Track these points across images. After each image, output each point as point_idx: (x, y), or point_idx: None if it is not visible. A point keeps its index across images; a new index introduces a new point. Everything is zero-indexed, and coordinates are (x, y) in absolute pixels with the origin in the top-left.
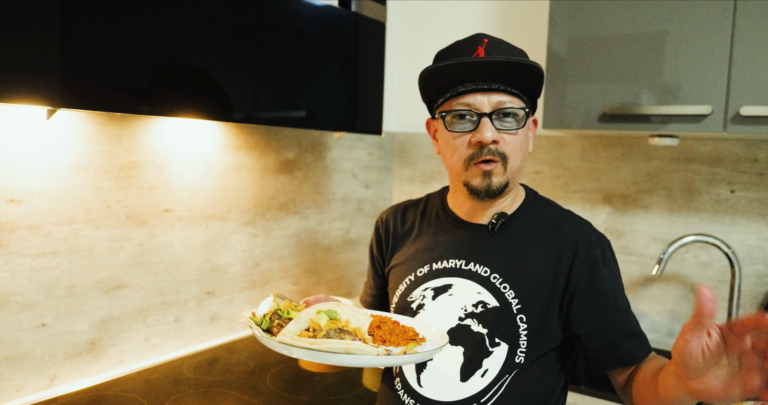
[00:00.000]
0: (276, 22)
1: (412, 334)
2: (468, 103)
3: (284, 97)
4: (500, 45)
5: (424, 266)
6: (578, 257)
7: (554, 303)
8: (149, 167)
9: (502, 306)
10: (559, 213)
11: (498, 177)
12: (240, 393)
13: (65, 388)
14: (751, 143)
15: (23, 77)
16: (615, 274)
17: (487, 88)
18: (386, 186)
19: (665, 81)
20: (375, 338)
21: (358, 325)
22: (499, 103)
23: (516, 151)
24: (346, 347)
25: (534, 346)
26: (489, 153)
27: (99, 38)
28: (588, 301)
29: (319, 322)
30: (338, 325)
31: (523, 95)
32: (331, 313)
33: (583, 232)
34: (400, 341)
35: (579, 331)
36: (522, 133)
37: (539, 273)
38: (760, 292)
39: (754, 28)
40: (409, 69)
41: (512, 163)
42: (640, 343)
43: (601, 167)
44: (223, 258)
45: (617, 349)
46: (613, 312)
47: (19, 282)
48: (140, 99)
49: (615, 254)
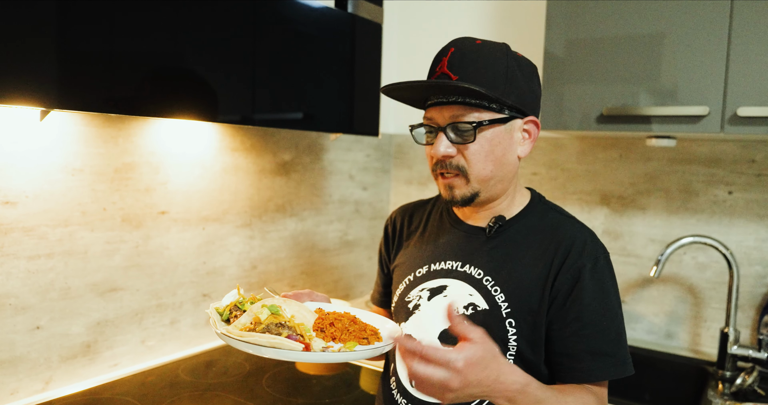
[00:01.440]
0: (273, 24)
1: (369, 332)
2: (429, 116)
3: (281, 99)
4: (464, 55)
5: (423, 267)
6: (566, 263)
7: (543, 310)
8: (145, 169)
9: (492, 309)
10: (561, 219)
11: (460, 189)
12: (236, 396)
13: (60, 391)
14: (749, 144)
15: (16, 78)
16: (602, 287)
17: (446, 102)
18: (383, 188)
19: (662, 82)
20: (326, 335)
21: (302, 321)
22: (453, 116)
23: (480, 161)
24: (270, 341)
25: (523, 351)
26: (443, 167)
27: (94, 39)
28: (562, 308)
29: (260, 316)
30: (279, 320)
31: (491, 103)
32: (274, 308)
33: (579, 239)
34: (350, 339)
35: (548, 336)
36: (487, 142)
37: (532, 278)
38: (759, 294)
39: (750, 29)
40: (405, 70)
41: (476, 174)
42: (604, 364)
43: (599, 168)
44: (220, 260)
45: (576, 362)
46: (584, 324)
47: (13, 284)
48: (135, 100)
49: (612, 268)
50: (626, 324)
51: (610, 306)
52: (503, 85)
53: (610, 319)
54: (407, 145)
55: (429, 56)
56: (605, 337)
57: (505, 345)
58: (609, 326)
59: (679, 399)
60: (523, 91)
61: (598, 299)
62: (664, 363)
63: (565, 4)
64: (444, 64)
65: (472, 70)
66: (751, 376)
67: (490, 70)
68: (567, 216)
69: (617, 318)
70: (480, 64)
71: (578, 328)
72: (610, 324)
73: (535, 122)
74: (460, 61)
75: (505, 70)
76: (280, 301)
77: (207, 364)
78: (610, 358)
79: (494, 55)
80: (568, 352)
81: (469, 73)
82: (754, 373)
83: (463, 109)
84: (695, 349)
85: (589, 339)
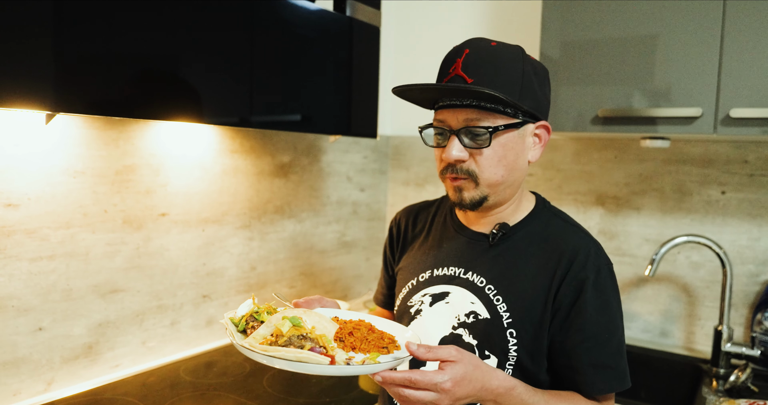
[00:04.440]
0: (271, 27)
1: (387, 341)
2: (442, 118)
3: (279, 101)
4: (480, 57)
5: (426, 271)
6: (569, 275)
7: (546, 321)
8: (145, 171)
9: (493, 318)
10: (564, 226)
11: (469, 191)
12: (237, 396)
13: (62, 392)
14: (741, 145)
15: (23, 82)
16: (605, 299)
17: (459, 104)
18: (381, 189)
19: (656, 83)
20: (345, 345)
21: (323, 332)
22: (467, 120)
23: (491, 166)
24: (296, 356)
25: (524, 362)
26: (454, 171)
27: (97, 43)
28: (565, 320)
29: (281, 328)
30: (301, 331)
31: (506, 107)
32: (295, 319)
33: (583, 250)
34: (370, 348)
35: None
36: (500, 148)
37: (534, 289)
38: (752, 292)
39: (743, 30)
40: (403, 72)
41: (486, 178)
42: (606, 377)
43: (594, 169)
44: (219, 261)
45: (579, 375)
46: (586, 337)
47: (15, 286)
48: (136, 103)
49: (615, 280)
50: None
51: (612, 318)
52: (519, 90)
53: (612, 331)
54: (404, 146)
55: (426, 58)
56: (607, 350)
57: (505, 355)
58: (611, 339)
59: (674, 396)
60: (537, 96)
61: (600, 312)
62: (658, 361)
63: (561, 5)
64: (458, 65)
65: (487, 73)
66: (744, 373)
67: (506, 74)
68: (571, 224)
69: (619, 330)
70: (495, 67)
71: (580, 340)
72: (612, 336)
73: (547, 127)
74: (475, 63)
75: (521, 74)
76: (300, 312)
77: (207, 364)
78: (611, 371)
79: (510, 58)
80: (571, 364)
81: (484, 76)
82: (748, 370)
83: (477, 113)
84: (689, 347)
85: (591, 352)
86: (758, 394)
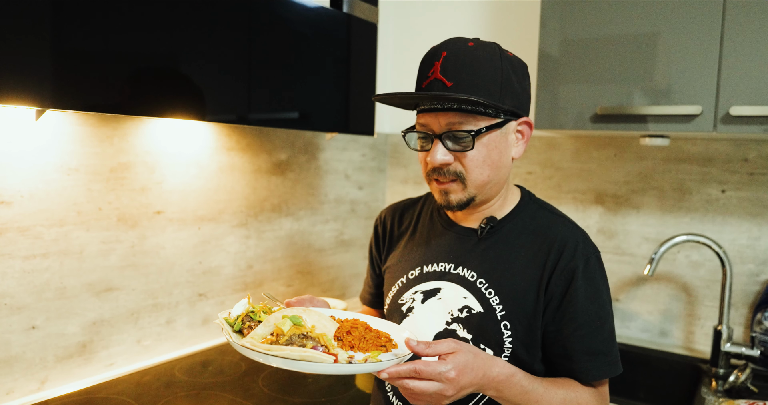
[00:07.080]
0: (268, 23)
1: (384, 339)
2: (424, 123)
3: (276, 98)
4: (458, 60)
5: (416, 268)
6: (559, 265)
7: (539, 311)
8: (140, 169)
9: (487, 312)
10: (552, 217)
11: (456, 194)
12: (232, 395)
13: (56, 390)
14: (741, 143)
15: (11, 77)
16: (595, 287)
17: (441, 108)
18: (379, 187)
19: (656, 82)
20: (344, 344)
21: (323, 331)
22: (450, 124)
23: (477, 167)
24: (301, 355)
25: (518, 353)
26: (440, 174)
27: (89, 38)
28: (557, 310)
29: (282, 328)
30: (302, 330)
31: (487, 109)
32: (296, 318)
33: (571, 239)
34: (369, 347)
35: (544, 337)
36: (484, 148)
37: (525, 280)
38: (751, 291)
39: (743, 28)
40: (400, 70)
41: (474, 179)
42: (600, 364)
43: (594, 168)
44: (216, 260)
45: (574, 363)
46: (579, 325)
47: (8, 284)
48: (131, 100)
49: (604, 268)
50: (621, 322)
51: (603, 305)
52: (499, 90)
53: (603, 318)
54: (403, 144)
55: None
56: (599, 337)
57: (500, 347)
58: (602, 326)
59: (673, 396)
60: (517, 93)
61: (591, 300)
62: (658, 361)
63: (560, 4)
64: (437, 69)
65: (466, 75)
66: (744, 374)
67: (486, 75)
68: (558, 214)
69: (609, 317)
70: (474, 68)
71: (573, 328)
72: (604, 323)
73: (528, 123)
74: (454, 65)
75: (500, 73)
76: (299, 311)
77: (203, 363)
78: (605, 357)
79: (488, 58)
80: (565, 352)
81: (463, 78)
82: (747, 370)
83: (459, 117)
84: (689, 347)
85: (584, 339)
86: (758, 395)
